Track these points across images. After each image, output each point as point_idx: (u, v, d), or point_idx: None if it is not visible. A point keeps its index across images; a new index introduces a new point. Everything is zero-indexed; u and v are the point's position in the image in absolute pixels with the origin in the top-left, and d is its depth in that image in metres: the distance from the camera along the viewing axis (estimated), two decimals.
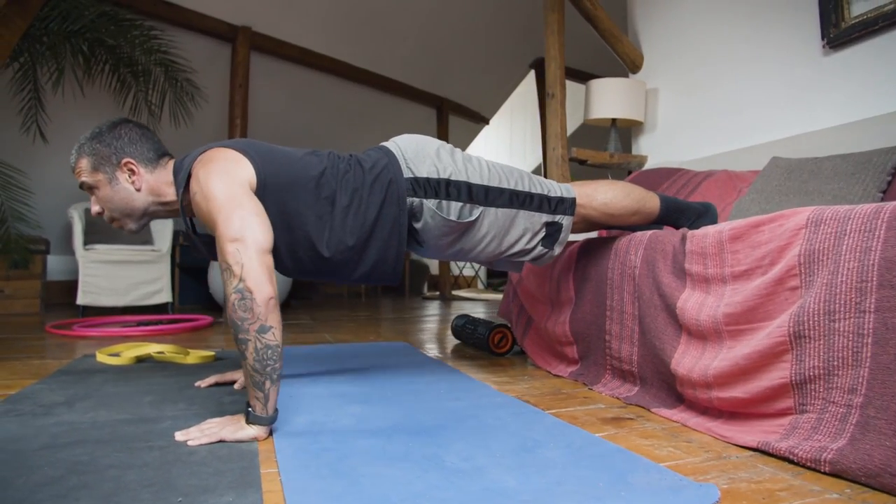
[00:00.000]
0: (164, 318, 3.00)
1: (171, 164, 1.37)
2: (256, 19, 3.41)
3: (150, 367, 1.93)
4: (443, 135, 4.93)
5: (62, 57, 2.71)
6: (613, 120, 2.84)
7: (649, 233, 1.57)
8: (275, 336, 1.10)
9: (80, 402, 1.44)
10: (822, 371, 1.05)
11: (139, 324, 2.82)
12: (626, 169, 2.93)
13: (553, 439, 1.16)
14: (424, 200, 1.39)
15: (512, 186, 1.48)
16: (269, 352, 1.10)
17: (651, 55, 2.89)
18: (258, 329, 1.08)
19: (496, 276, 7.19)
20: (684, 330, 1.37)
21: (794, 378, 1.09)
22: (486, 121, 5.43)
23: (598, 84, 2.83)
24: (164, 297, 3.48)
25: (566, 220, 1.55)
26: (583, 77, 5.18)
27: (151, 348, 2.09)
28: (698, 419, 1.30)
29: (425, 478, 0.95)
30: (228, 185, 1.19)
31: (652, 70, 2.88)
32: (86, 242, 3.25)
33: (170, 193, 1.35)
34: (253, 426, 1.14)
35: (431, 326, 3.33)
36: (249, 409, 1.14)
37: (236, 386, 1.60)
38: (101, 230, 3.39)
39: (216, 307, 4.01)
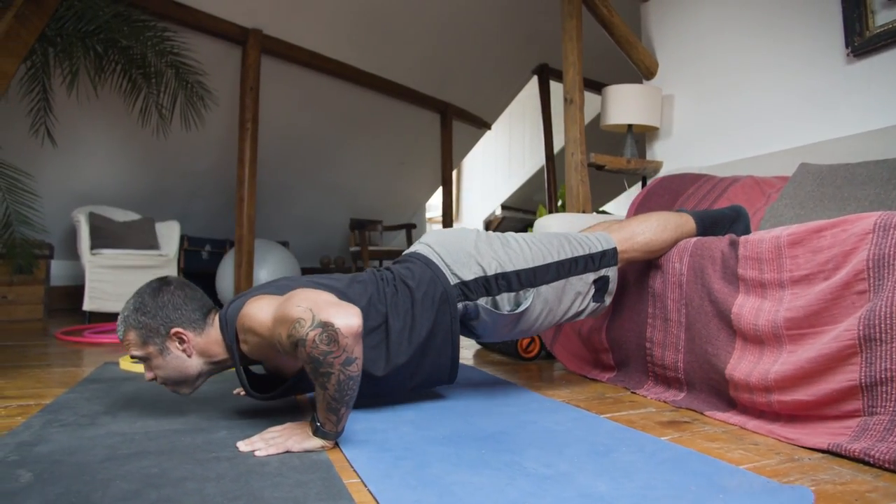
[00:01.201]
0: None
1: (216, 318, 1.30)
2: (267, 22, 3.38)
3: None
4: (446, 139, 4.93)
5: (76, 58, 2.65)
6: (629, 125, 2.87)
7: (693, 240, 1.58)
8: (357, 367, 1.05)
9: (121, 412, 1.40)
10: (894, 373, 1.06)
11: None
12: (641, 174, 2.96)
13: (622, 444, 1.16)
14: (478, 301, 1.39)
15: (556, 258, 1.47)
16: (351, 382, 1.05)
17: (666, 62, 2.93)
18: (343, 362, 1.02)
19: None
20: (739, 335, 1.38)
21: (863, 380, 1.10)
22: (488, 126, 5.45)
23: (614, 90, 2.85)
24: None
25: (612, 272, 1.55)
26: (586, 84, 5.22)
27: None
28: (756, 422, 1.30)
29: (516, 485, 0.94)
30: (272, 301, 1.16)
31: (666, 77, 2.92)
32: (92, 247, 3.18)
33: (221, 352, 1.29)
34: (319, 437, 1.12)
35: None
36: (318, 424, 1.11)
37: None
38: (107, 234, 3.31)
39: None
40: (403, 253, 1.55)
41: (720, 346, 1.42)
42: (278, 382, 1.41)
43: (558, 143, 5.24)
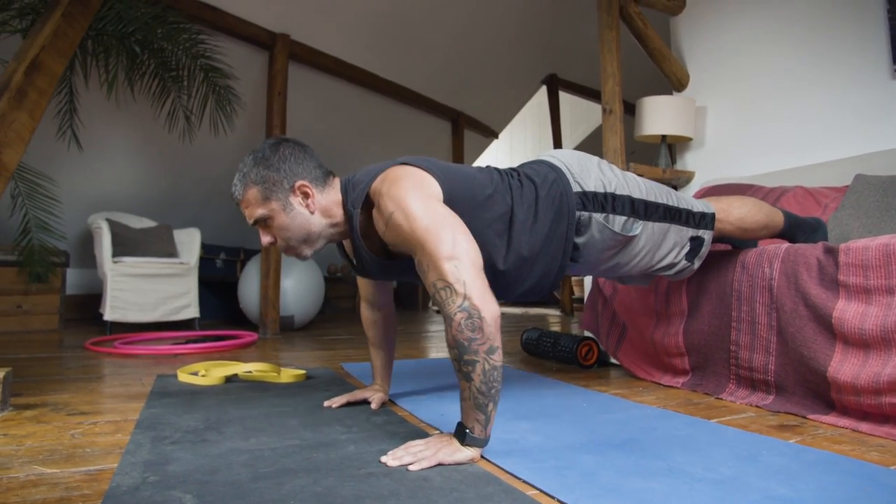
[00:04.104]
0: (211, 335, 2.85)
1: (337, 182, 1.30)
2: (295, 27, 3.33)
3: (245, 387, 1.85)
4: (458, 147, 4.94)
5: (113, 59, 2.55)
6: (663, 136, 2.93)
7: (784, 246, 1.62)
8: (500, 356, 1.06)
9: (224, 427, 1.36)
10: None
11: (188, 341, 2.67)
12: (674, 184, 3.02)
13: (760, 447, 1.18)
14: (593, 214, 1.39)
15: (664, 201, 1.51)
16: (496, 373, 1.05)
17: (696, 74, 3.00)
18: (487, 350, 1.03)
19: None
20: (839, 339, 1.42)
21: None
22: (495, 135, 5.48)
23: (649, 101, 2.90)
24: (192, 311, 3.31)
25: (707, 235, 1.60)
26: (592, 95, 5.33)
27: (238, 367, 1.99)
28: (868, 424, 1.34)
29: (699, 489, 0.94)
30: (427, 203, 1.13)
31: (698, 88, 2.99)
32: (112, 255, 3.06)
33: (338, 215, 1.28)
34: (470, 448, 1.10)
35: None
36: (467, 430, 1.10)
37: (373, 406, 1.54)
38: (125, 242, 3.19)
39: (238, 322, 3.85)
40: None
41: (818, 349, 1.46)
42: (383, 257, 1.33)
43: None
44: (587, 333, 2.39)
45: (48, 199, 2.73)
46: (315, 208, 1.25)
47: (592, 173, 1.42)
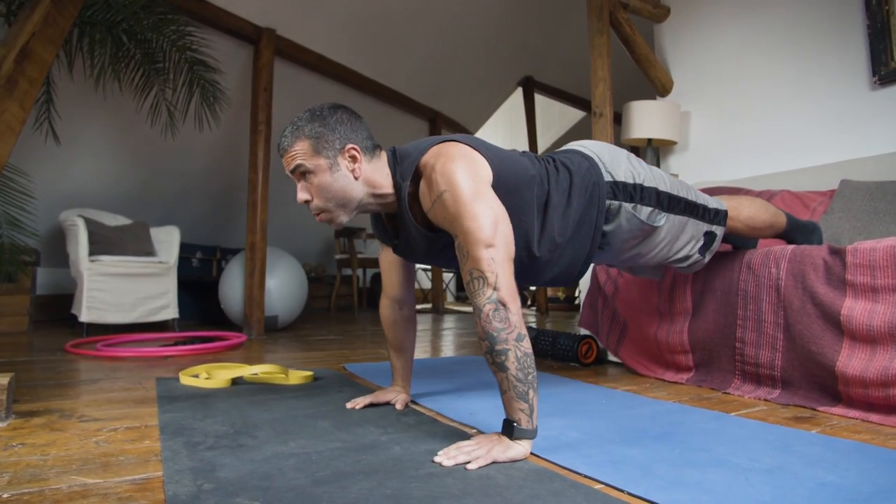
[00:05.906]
0: (199, 336, 2.76)
1: (384, 155, 1.31)
2: (279, 22, 3.25)
3: (254, 390, 1.81)
4: None
5: (100, 49, 2.42)
6: (649, 139, 3.02)
7: (790, 247, 1.71)
8: (528, 344, 1.11)
9: (255, 431, 1.32)
10: None
11: (176, 343, 2.57)
12: None
13: (790, 439, 1.24)
14: (623, 203, 1.44)
15: (685, 196, 1.57)
16: (528, 360, 1.10)
17: (680, 80, 3.12)
18: (516, 337, 1.09)
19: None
20: (847, 335, 1.51)
21: None
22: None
23: (636, 106, 2.99)
24: (171, 312, 3.19)
25: (720, 231, 1.67)
26: (564, 97, 5.43)
27: (244, 369, 1.94)
28: (876, 415, 1.43)
29: (753, 478, 0.99)
30: (476, 184, 1.16)
31: (681, 94, 3.10)
32: (89, 253, 2.91)
33: (385, 185, 1.28)
34: (520, 443, 1.11)
35: (465, 340, 3.32)
36: (514, 423, 1.11)
37: (398, 407, 1.53)
38: (100, 240, 3.04)
39: (214, 322, 3.73)
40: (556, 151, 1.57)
41: (826, 345, 1.55)
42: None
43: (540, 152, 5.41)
44: (583, 331, 2.45)
45: (22, 194, 2.57)
46: (360, 174, 1.26)
47: (622, 164, 1.47)
